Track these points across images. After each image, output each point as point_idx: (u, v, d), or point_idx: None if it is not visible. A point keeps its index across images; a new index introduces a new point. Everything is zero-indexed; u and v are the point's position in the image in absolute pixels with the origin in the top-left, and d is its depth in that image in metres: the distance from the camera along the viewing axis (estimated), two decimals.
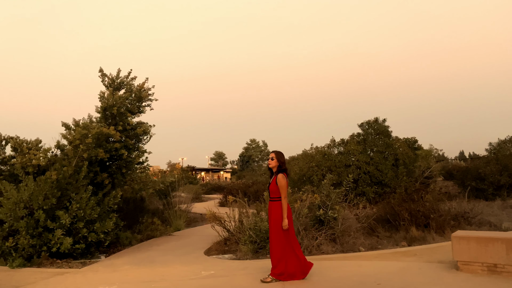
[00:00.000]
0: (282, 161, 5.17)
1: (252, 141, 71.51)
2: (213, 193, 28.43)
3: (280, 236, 4.98)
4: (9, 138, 8.63)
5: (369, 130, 14.21)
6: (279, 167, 5.12)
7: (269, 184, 5.17)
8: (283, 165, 5.15)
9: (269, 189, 5.13)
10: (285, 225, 4.91)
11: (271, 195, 5.11)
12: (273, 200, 5.07)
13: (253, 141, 71.57)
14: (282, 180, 4.98)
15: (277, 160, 5.12)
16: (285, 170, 5.16)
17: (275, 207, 5.02)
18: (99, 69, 9.56)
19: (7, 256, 6.87)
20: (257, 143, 71.57)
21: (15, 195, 6.98)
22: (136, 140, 9.66)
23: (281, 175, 5.03)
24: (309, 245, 7.00)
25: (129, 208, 10.24)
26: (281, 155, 5.20)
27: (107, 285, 5.38)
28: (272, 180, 5.12)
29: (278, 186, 4.97)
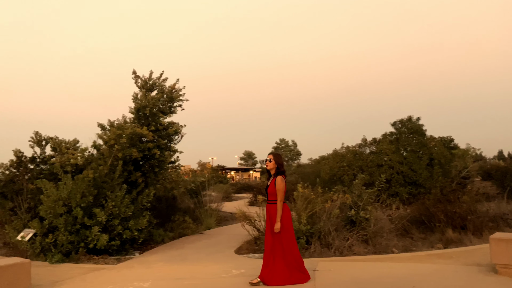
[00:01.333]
0: (280, 163, 5.10)
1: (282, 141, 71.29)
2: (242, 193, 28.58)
3: (280, 239, 4.93)
4: (49, 138, 9.01)
5: (402, 129, 13.87)
6: (277, 169, 5.06)
7: (267, 186, 5.10)
8: (281, 167, 5.08)
9: (268, 191, 5.06)
10: (277, 228, 4.85)
11: (269, 197, 5.04)
12: (271, 203, 5.01)
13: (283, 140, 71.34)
14: (280, 183, 4.92)
15: (275, 162, 5.06)
16: (283, 172, 5.09)
17: (274, 209, 4.96)
18: (133, 71, 9.83)
19: (47, 252, 7.18)
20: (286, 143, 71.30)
21: (54, 193, 7.28)
22: (168, 139, 9.86)
23: (280, 177, 4.96)
24: (340, 246, 6.91)
25: (161, 207, 10.46)
26: (279, 157, 5.15)
27: (141, 281, 5.52)
28: (270, 182, 5.05)
29: (276, 189, 4.91)
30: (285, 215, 4.99)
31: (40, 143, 8.94)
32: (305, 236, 7.00)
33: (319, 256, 6.76)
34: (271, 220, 4.99)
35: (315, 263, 6.18)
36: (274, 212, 4.93)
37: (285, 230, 4.96)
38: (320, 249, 6.97)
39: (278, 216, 4.85)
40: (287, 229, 4.99)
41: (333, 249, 6.89)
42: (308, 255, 6.81)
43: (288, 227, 5.01)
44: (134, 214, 7.86)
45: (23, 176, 8.66)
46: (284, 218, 4.95)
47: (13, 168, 8.73)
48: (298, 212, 7.36)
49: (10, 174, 8.68)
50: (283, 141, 71.46)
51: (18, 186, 8.52)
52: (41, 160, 8.99)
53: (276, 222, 4.84)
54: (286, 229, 4.96)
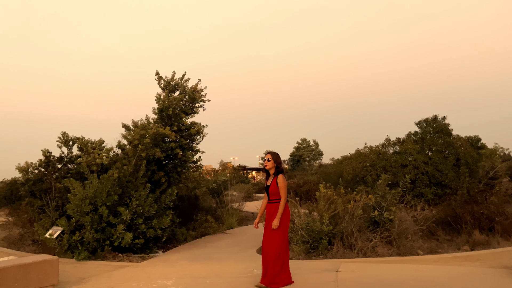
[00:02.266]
0: (279, 162, 5.06)
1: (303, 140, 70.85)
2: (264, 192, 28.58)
3: (280, 239, 4.86)
4: (76, 138, 9.24)
5: (427, 128, 13.59)
6: (276, 168, 5.02)
7: (268, 186, 5.06)
8: (280, 166, 5.04)
9: (269, 191, 5.02)
10: (275, 225, 4.80)
11: (271, 197, 5.00)
12: (274, 202, 4.96)
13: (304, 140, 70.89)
14: (283, 181, 4.90)
15: (274, 161, 5.02)
16: (282, 171, 5.05)
17: (276, 209, 4.91)
18: (155, 72, 9.98)
19: (74, 249, 7.37)
20: (307, 142, 70.81)
21: (81, 192, 7.48)
22: (190, 140, 9.97)
23: (281, 176, 4.94)
24: (363, 247, 6.83)
25: (184, 206, 10.59)
26: (277, 156, 5.09)
27: (165, 279, 5.60)
28: (272, 182, 5.00)
29: (279, 187, 4.88)
30: (286, 215, 4.94)
31: (67, 143, 9.19)
32: (327, 237, 6.95)
33: (341, 257, 6.70)
34: (271, 219, 4.93)
35: (337, 264, 6.12)
36: (275, 211, 4.89)
37: (285, 230, 4.91)
38: (342, 250, 6.90)
39: (280, 212, 4.81)
40: (286, 228, 4.95)
41: (356, 250, 6.81)
42: (330, 256, 6.76)
43: (287, 227, 4.98)
44: (157, 213, 7.98)
45: (51, 175, 8.91)
46: (285, 217, 4.90)
47: (42, 168, 8.99)
48: (320, 212, 7.31)
49: (39, 174, 8.94)
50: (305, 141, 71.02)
51: (47, 185, 8.77)
52: (68, 160, 9.23)
53: (276, 218, 4.80)
54: (285, 229, 4.92)
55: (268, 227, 4.96)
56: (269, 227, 4.93)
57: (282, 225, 4.86)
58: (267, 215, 5.04)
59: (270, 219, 4.95)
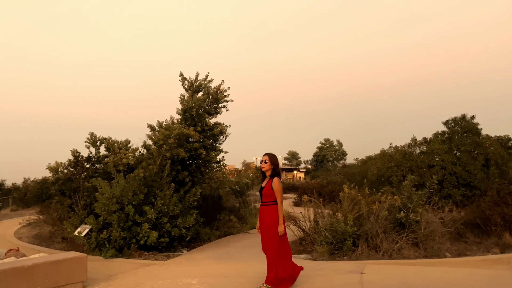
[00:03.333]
0: (276, 164, 4.96)
1: (326, 141, 70.27)
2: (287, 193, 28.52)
3: (275, 241, 4.76)
4: (103, 139, 9.48)
5: (455, 128, 13.23)
6: (273, 170, 4.92)
7: (262, 188, 4.95)
8: (276, 168, 4.94)
9: (263, 192, 4.91)
10: (281, 231, 4.71)
11: (264, 199, 4.89)
12: (266, 204, 4.85)
13: (327, 140, 70.29)
14: (278, 184, 4.78)
15: (271, 163, 4.92)
16: (279, 173, 4.96)
17: (268, 211, 4.80)
18: (180, 73, 10.10)
19: (102, 247, 7.56)
20: (331, 143, 70.17)
21: (108, 191, 7.66)
22: (213, 140, 10.04)
23: (277, 178, 4.83)
24: (389, 248, 6.71)
25: (207, 205, 10.69)
26: (274, 157, 4.99)
27: (189, 278, 5.66)
28: (266, 184, 4.90)
29: (274, 190, 4.77)
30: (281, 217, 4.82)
31: (95, 144, 9.43)
32: (351, 238, 6.87)
33: (366, 258, 6.61)
34: (264, 222, 4.85)
35: (362, 265, 6.04)
36: (268, 214, 4.79)
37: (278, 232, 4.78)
38: (367, 251, 6.81)
39: (281, 218, 4.73)
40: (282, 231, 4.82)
41: (381, 252, 6.70)
42: (355, 257, 6.68)
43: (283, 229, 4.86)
44: (181, 212, 8.09)
45: (80, 174, 9.17)
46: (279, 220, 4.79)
47: (71, 167, 9.27)
48: (344, 213, 7.24)
49: (68, 173, 9.22)
50: (328, 141, 70.42)
51: (76, 184, 9.03)
52: (96, 160, 9.48)
53: (279, 224, 4.71)
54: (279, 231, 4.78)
55: (262, 230, 4.87)
56: (263, 229, 4.85)
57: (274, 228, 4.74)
58: (260, 218, 4.95)
59: (263, 222, 4.86)
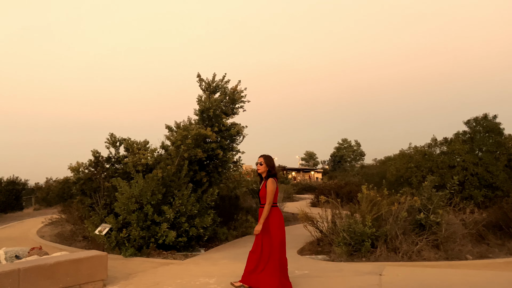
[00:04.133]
0: (271, 166, 4.89)
1: (344, 141, 69.71)
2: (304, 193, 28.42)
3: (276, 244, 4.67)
4: (122, 139, 9.63)
5: (477, 127, 12.92)
6: (268, 172, 4.87)
7: (259, 190, 4.92)
8: (272, 169, 4.88)
9: (260, 195, 4.88)
10: (257, 230, 4.63)
11: (261, 201, 4.85)
12: (264, 206, 4.78)
13: (345, 140, 69.73)
14: (271, 185, 4.71)
15: (266, 165, 4.87)
16: (274, 175, 4.88)
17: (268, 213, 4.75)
18: (197, 74, 10.19)
19: (121, 246, 7.68)
20: (349, 143, 69.57)
21: (127, 191, 7.78)
22: (230, 140, 10.09)
23: (271, 179, 4.77)
24: (408, 250, 6.61)
25: (224, 205, 10.73)
26: (270, 159, 4.93)
27: (207, 277, 5.70)
28: (262, 186, 4.87)
29: (266, 191, 4.71)
30: (277, 219, 4.76)
31: (114, 144, 9.59)
32: (370, 239, 6.79)
33: (385, 260, 6.52)
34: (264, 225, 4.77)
35: (381, 267, 5.97)
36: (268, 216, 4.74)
37: (277, 235, 4.71)
38: (386, 253, 6.72)
39: (263, 218, 4.64)
40: (279, 233, 4.74)
41: (401, 254, 6.60)
42: (373, 259, 6.60)
43: (280, 232, 4.76)
44: (199, 212, 8.15)
45: (100, 174, 9.34)
46: (276, 221, 4.72)
47: (92, 167, 9.46)
48: (363, 214, 7.16)
49: (89, 173, 9.41)
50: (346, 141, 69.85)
51: (96, 184, 9.20)
52: (115, 160, 9.64)
53: (258, 223, 4.65)
54: (277, 234, 4.71)
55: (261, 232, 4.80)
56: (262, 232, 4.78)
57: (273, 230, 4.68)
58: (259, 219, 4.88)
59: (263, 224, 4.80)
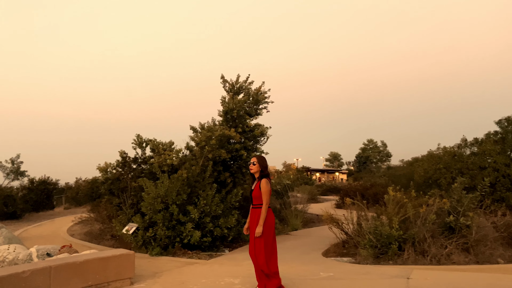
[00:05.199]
0: (265, 166, 4.85)
1: (370, 141, 68.61)
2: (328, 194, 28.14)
3: (264, 244, 4.63)
4: (149, 140, 9.81)
5: (508, 127, 12.44)
6: (261, 172, 4.82)
7: (252, 190, 4.86)
8: (265, 170, 4.84)
9: (252, 195, 4.82)
10: (258, 232, 4.58)
11: (254, 201, 4.80)
12: (257, 207, 4.75)
13: (371, 141, 68.61)
14: (266, 186, 4.68)
15: (259, 165, 4.82)
16: (267, 176, 4.83)
17: (259, 214, 4.69)
18: (221, 75, 10.27)
19: (148, 245, 7.82)
20: (374, 143, 68.43)
21: (153, 191, 7.91)
22: (254, 141, 10.11)
23: (265, 180, 4.73)
24: (437, 253, 6.43)
25: (248, 206, 10.74)
26: (263, 159, 4.88)
27: (232, 278, 5.73)
28: (255, 186, 4.81)
29: (262, 192, 4.67)
30: (268, 220, 4.73)
31: (141, 145, 9.78)
32: (397, 242, 6.66)
33: (413, 263, 6.37)
34: (255, 225, 4.74)
35: (408, 270, 5.84)
36: (258, 216, 4.70)
37: (269, 234, 4.72)
38: (414, 256, 6.57)
39: (262, 219, 4.62)
40: (271, 233, 4.76)
41: (429, 257, 6.44)
42: (401, 262, 6.47)
43: (272, 232, 4.79)
44: (223, 213, 8.20)
45: (127, 174, 9.54)
46: (267, 222, 4.69)
47: (119, 168, 9.67)
48: (389, 216, 7.02)
49: (117, 173, 9.63)
50: (371, 141, 68.75)
51: (123, 184, 9.40)
52: (142, 161, 9.82)
53: (259, 225, 4.62)
54: (269, 234, 4.73)
55: (252, 233, 4.78)
56: (253, 233, 4.76)
57: (265, 230, 4.67)
58: (250, 221, 4.88)
59: (253, 225, 4.79)
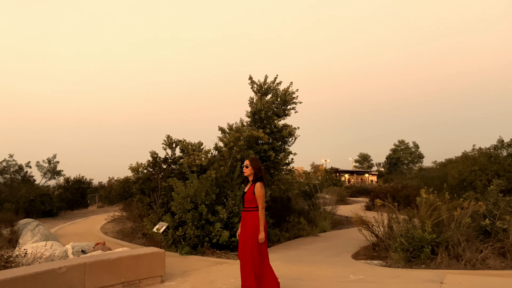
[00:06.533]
0: (258, 168, 4.68)
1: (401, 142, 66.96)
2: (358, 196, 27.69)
3: (257, 249, 4.49)
4: (178, 141, 9.99)
5: None
6: (255, 175, 4.67)
7: (245, 193, 4.72)
8: (258, 172, 4.67)
9: (245, 198, 4.68)
10: (261, 238, 4.45)
11: (246, 204, 4.66)
12: (248, 210, 4.60)
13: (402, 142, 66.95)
14: (260, 190, 4.54)
15: (252, 167, 4.67)
16: (261, 178, 4.68)
17: (252, 217, 4.55)
18: (249, 76, 10.32)
19: (177, 244, 7.95)
20: (406, 144, 66.71)
21: (183, 191, 8.04)
22: (282, 142, 10.09)
23: (259, 184, 4.58)
24: (472, 258, 6.21)
25: (276, 207, 10.73)
26: (256, 162, 4.73)
27: None
28: (248, 189, 4.67)
29: (256, 196, 4.53)
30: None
31: (171, 145, 9.97)
32: (429, 246, 6.47)
33: (446, 267, 6.18)
34: (246, 228, 4.62)
35: (442, 275, 5.66)
36: (252, 220, 4.57)
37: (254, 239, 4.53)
38: (447, 260, 6.36)
39: (261, 225, 4.51)
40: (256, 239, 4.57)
41: (463, 261, 6.22)
42: (433, 266, 6.28)
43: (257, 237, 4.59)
44: None
45: (158, 174, 9.75)
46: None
47: (150, 168, 9.89)
48: (422, 219, 6.84)
49: (148, 173, 9.85)
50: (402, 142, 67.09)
51: (154, 183, 9.61)
52: (172, 161, 10.01)
53: (260, 231, 4.50)
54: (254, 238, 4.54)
55: (245, 237, 4.64)
56: (247, 236, 4.61)
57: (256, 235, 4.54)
58: (242, 224, 4.74)
59: (244, 228, 4.67)
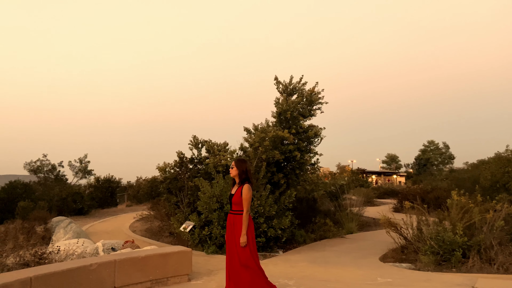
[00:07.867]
0: (243, 170, 4.53)
1: (430, 143, 65.21)
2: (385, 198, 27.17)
3: (244, 253, 4.33)
4: (204, 141, 10.10)
5: None
6: (240, 177, 4.54)
7: (232, 195, 4.59)
8: (243, 174, 4.53)
9: (232, 200, 4.55)
10: (243, 242, 4.30)
11: (233, 207, 4.52)
12: (236, 213, 4.46)
13: (431, 142, 65.19)
14: (247, 192, 4.39)
15: (237, 168, 4.54)
16: (248, 180, 4.53)
17: (239, 220, 4.41)
18: (274, 77, 10.29)
19: (204, 243, 8.04)
20: (436, 145, 64.93)
21: (209, 190, 8.12)
22: (308, 142, 10.01)
23: (246, 186, 4.43)
24: (505, 262, 5.98)
25: (302, 208, 10.67)
26: (241, 163, 4.58)
27: (286, 279, 5.71)
28: (236, 191, 4.53)
29: (242, 199, 4.39)
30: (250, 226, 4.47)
31: (197, 146, 10.10)
32: (461, 249, 6.27)
33: (478, 271, 5.98)
34: (233, 231, 4.49)
35: (473, 279, 5.48)
36: (236, 223, 4.46)
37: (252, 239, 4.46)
38: (479, 264, 6.15)
39: (244, 228, 4.36)
40: (253, 238, 4.50)
41: (496, 265, 6.00)
42: (465, 270, 6.09)
43: (253, 236, 4.53)
44: (277, 214, 8.21)
45: (184, 174, 9.89)
46: (250, 228, 4.44)
47: (177, 168, 10.05)
48: (453, 221, 6.64)
49: (174, 173, 10.01)
50: (432, 143, 65.32)
51: (181, 183, 9.76)
52: (198, 161, 10.13)
53: (242, 235, 4.36)
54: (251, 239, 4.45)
55: (231, 240, 4.52)
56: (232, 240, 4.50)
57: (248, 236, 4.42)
58: (228, 227, 4.64)
59: (231, 231, 4.55)
